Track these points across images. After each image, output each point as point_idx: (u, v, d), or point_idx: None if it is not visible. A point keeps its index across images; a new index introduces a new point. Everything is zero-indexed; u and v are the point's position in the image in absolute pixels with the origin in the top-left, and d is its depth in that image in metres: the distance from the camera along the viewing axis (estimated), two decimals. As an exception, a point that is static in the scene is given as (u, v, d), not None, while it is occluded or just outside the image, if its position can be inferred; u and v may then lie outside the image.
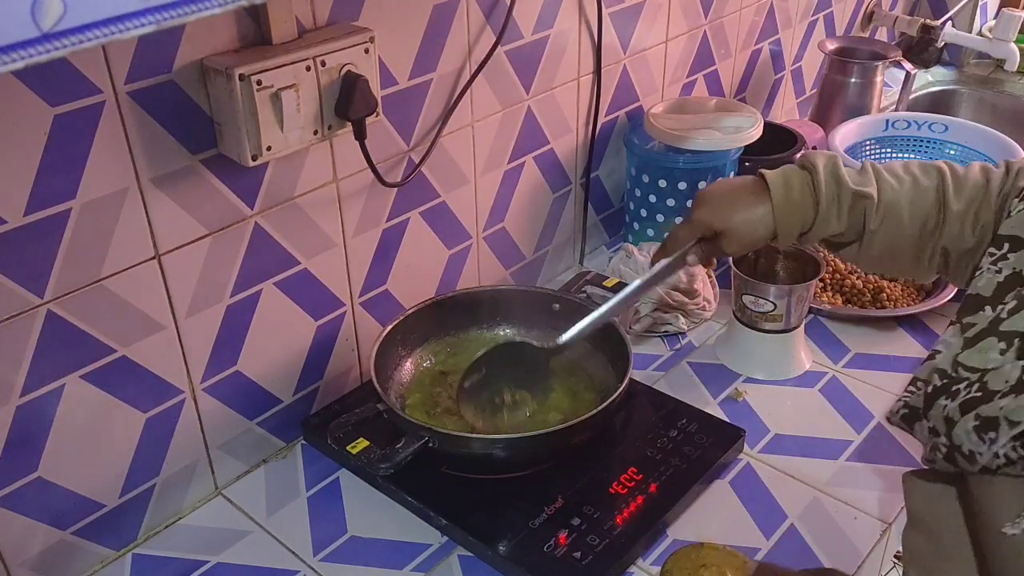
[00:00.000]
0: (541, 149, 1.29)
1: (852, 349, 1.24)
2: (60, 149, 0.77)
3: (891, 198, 0.83)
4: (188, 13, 0.40)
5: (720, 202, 0.89)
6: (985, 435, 0.60)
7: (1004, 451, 0.59)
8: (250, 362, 1.00)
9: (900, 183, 0.84)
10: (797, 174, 0.87)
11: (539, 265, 1.39)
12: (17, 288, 0.78)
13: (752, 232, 0.88)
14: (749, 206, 0.87)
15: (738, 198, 0.88)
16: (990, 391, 0.61)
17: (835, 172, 0.86)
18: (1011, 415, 0.58)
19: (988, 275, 0.70)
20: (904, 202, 0.83)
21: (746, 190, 0.89)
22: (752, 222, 0.87)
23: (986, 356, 0.64)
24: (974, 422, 0.61)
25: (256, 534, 0.98)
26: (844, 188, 0.84)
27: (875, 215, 0.84)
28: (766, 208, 0.86)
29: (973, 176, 0.82)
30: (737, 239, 0.88)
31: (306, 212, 0.99)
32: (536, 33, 1.19)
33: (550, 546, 0.90)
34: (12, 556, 0.86)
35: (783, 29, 1.75)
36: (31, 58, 0.35)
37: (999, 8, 2.12)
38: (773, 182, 0.87)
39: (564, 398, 1.06)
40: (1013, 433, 0.58)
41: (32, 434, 0.84)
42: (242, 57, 0.84)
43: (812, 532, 0.95)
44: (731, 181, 0.92)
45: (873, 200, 0.83)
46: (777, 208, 0.86)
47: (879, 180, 0.85)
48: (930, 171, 0.84)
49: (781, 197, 0.86)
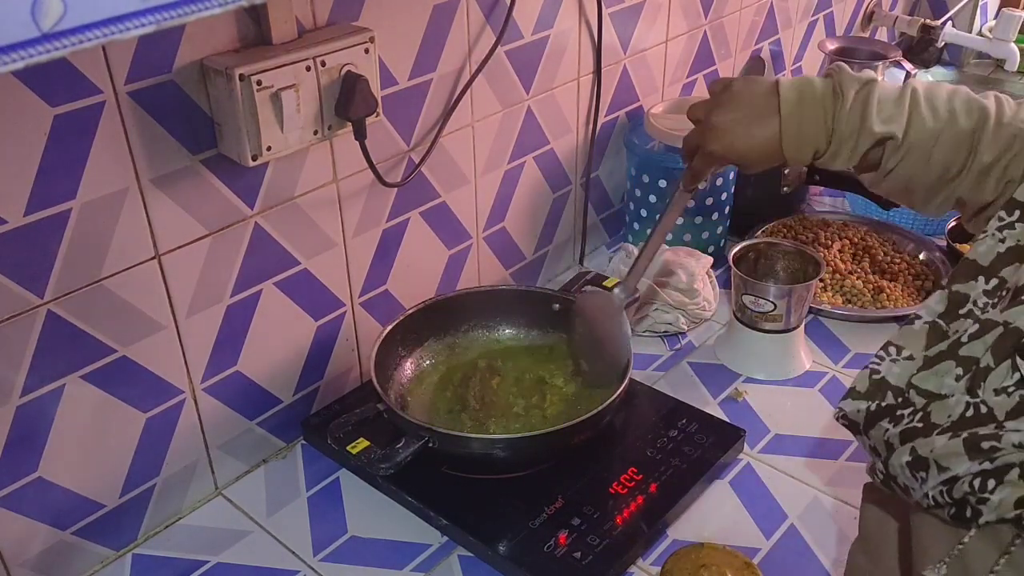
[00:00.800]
0: (541, 149, 1.29)
1: (852, 349, 1.24)
2: (60, 149, 0.77)
3: (918, 137, 0.76)
4: (188, 13, 0.40)
5: (731, 131, 0.82)
6: (917, 474, 0.58)
7: (933, 493, 0.57)
8: (250, 362, 1.00)
9: (935, 119, 0.76)
10: (816, 95, 0.79)
11: (539, 265, 1.39)
12: (17, 288, 0.78)
13: (763, 159, 0.82)
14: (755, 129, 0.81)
15: (746, 121, 0.81)
16: (931, 424, 0.59)
17: (864, 105, 0.77)
18: (941, 460, 0.56)
19: (990, 241, 0.64)
20: (930, 143, 0.76)
21: (757, 111, 0.81)
22: (761, 148, 0.81)
23: (942, 380, 0.61)
24: (907, 457, 0.59)
25: (256, 534, 0.98)
26: (866, 127, 0.77)
27: (895, 154, 0.77)
28: (772, 129, 0.80)
29: (1018, 121, 0.74)
30: (749, 165, 0.84)
31: (306, 212, 1.00)
32: (536, 33, 1.19)
33: (550, 546, 0.90)
34: (12, 556, 0.86)
35: (783, 29, 1.75)
36: (31, 58, 0.35)
37: (999, 8, 2.11)
38: (785, 103, 0.79)
39: (564, 398, 1.06)
40: (942, 478, 0.56)
41: (32, 434, 0.84)
42: (242, 57, 0.84)
43: (812, 532, 0.95)
44: (744, 100, 0.83)
45: (897, 139, 0.76)
46: (785, 134, 0.79)
47: (912, 113, 0.76)
48: (973, 110, 0.76)
49: (791, 121, 0.79)
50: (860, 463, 1.04)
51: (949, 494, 0.56)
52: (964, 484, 0.55)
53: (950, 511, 0.56)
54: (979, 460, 0.54)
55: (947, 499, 0.56)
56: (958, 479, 0.55)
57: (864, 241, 1.41)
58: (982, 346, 0.60)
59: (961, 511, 0.56)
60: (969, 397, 0.58)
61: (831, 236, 1.42)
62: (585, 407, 0.98)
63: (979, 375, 0.59)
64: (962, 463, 0.55)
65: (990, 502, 0.54)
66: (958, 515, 0.56)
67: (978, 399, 0.58)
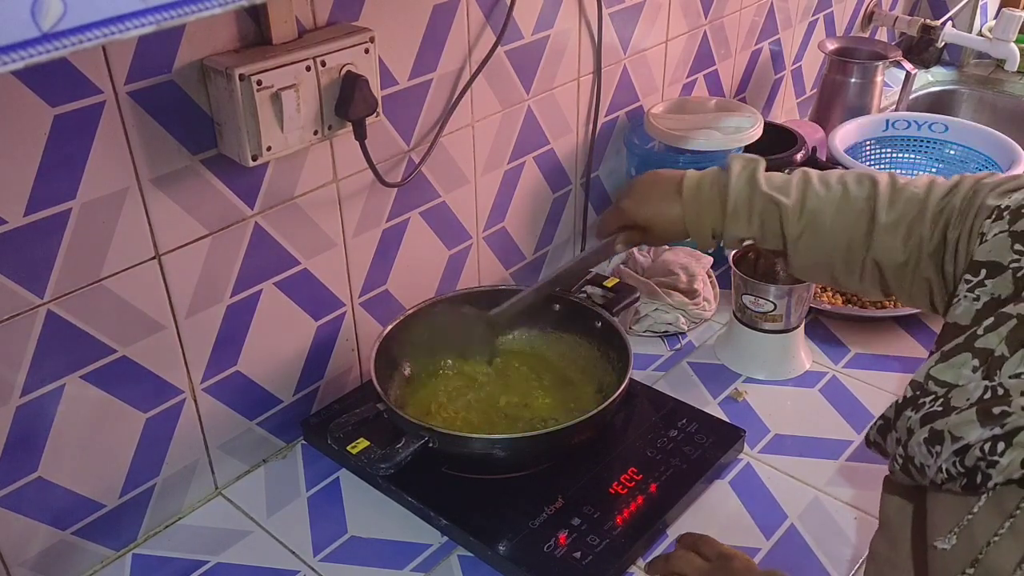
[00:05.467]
0: (541, 149, 1.29)
1: (852, 349, 1.24)
2: (60, 149, 0.77)
3: (815, 205, 0.83)
4: (188, 13, 0.40)
5: (642, 195, 0.91)
6: (932, 448, 0.60)
7: (946, 466, 0.58)
8: (250, 362, 1.00)
9: (828, 191, 0.84)
10: (712, 174, 0.88)
11: (539, 265, 1.39)
12: (17, 288, 0.78)
13: (669, 228, 0.90)
14: (665, 202, 0.89)
15: (658, 193, 0.90)
16: (950, 407, 0.61)
17: (752, 175, 0.86)
18: (954, 429, 0.58)
19: (965, 303, 0.68)
20: (828, 210, 0.83)
21: (667, 185, 0.90)
22: (668, 218, 0.89)
23: (958, 372, 0.63)
24: (925, 435, 0.61)
25: (256, 534, 0.98)
26: (757, 191, 0.85)
27: (796, 222, 0.84)
28: (679, 206, 0.88)
29: (913, 188, 0.81)
30: (656, 233, 0.91)
31: (306, 212, 0.99)
32: (536, 33, 1.19)
33: (550, 546, 0.90)
34: (12, 556, 0.86)
35: (783, 29, 1.75)
36: (31, 58, 0.35)
37: (999, 8, 2.11)
38: (687, 182, 0.88)
39: (563, 398, 1.06)
40: (954, 448, 0.58)
41: (32, 434, 0.84)
42: (242, 57, 0.84)
43: (812, 532, 0.95)
44: (660, 174, 0.93)
45: (787, 206, 0.83)
46: (686, 206, 0.87)
47: (805, 188, 0.84)
48: (864, 181, 0.83)
49: (691, 196, 0.87)
50: (860, 463, 1.04)
51: (962, 463, 0.58)
52: (975, 451, 0.57)
53: (961, 482, 0.58)
54: (990, 426, 0.56)
55: (959, 469, 0.58)
56: (970, 447, 0.57)
57: (864, 241, 1.41)
58: (997, 338, 0.62)
59: (972, 480, 0.57)
60: (987, 382, 0.60)
61: (831, 236, 1.42)
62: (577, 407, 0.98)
63: (995, 363, 0.61)
64: (974, 430, 0.57)
65: (999, 465, 0.55)
66: (969, 485, 0.58)
67: (995, 382, 0.60)
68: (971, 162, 1.57)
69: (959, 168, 1.58)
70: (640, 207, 0.91)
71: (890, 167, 1.64)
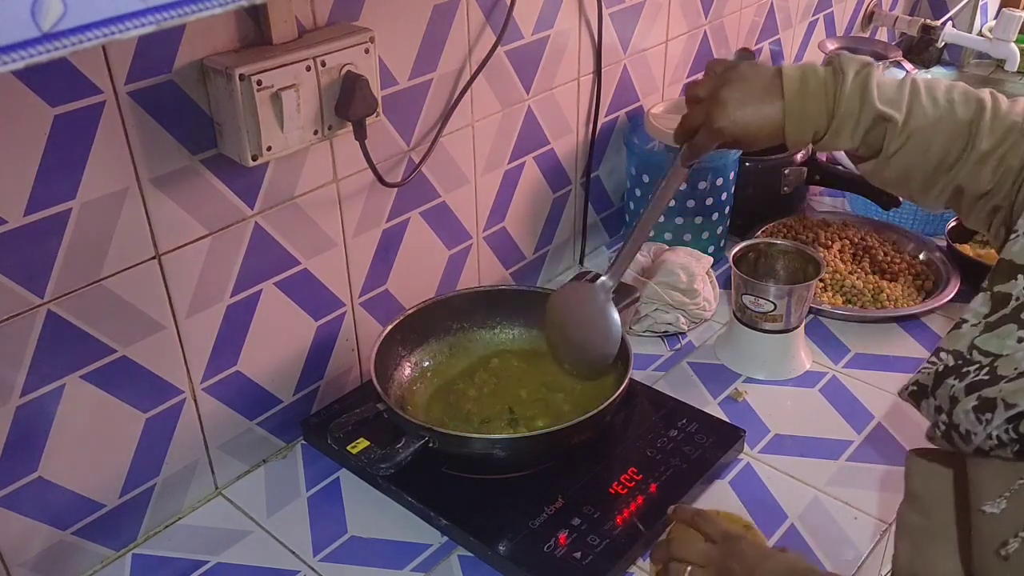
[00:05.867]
0: (541, 149, 1.29)
1: (852, 349, 1.24)
2: (60, 149, 0.77)
3: (919, 124, 0.79)
4: (188, 13, 0.40)
5: (738, 101, 0.84)
6: (982, 416, 0.60)
7: (997, 432, 0.59)
8: (250, 362, 1.00)
9: (935, 107, 0.79)
10: (819, 77, 0.82)
11: (539, 265, 1.39)
12: (17, 288, 0.78)
13: (763, 132, 0.84)
14: (765, 103, 0.83)
15: (755, 94, 0.83)
16: (997, 376, 0.61)
17: (864, 84, 0.80)
18: (1009, 397, 0.59)
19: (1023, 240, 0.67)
20: (931, 130, 0.79)
21: (764, 84, 0.83)
22: (767, 121, 0.83)
23: (1003, 342, 0.64)
24: (974, 402, 0.61)
25: (256, 534, 0.98)
26: (868, 105, 0.80)
27: (897, 138, 0.80)
28: (777, 109, 0.82)
29: (1012, 116, 0.78)
30: (747, 142, 0.86)
31: (306, 212, 1.00)
32: (536, 33, 1.19)
33: (550, 546, 0.90)
34: (12, 556, 0.86)
35: (783, 29, 1.75)
36: (31, 58, 0.35)
37: (999, 8, 2.11)
38: (788, 81, 0.82)
39: (563, 398, 1.06)
40: (1008, 415, 0.58)
41: (32, 434, 0.84)
42: (242, 57, 0.84)
43: (812, 532, 0.95)
44: (747, 70, 0.85)
45: (897, 123, 0.79)
46: (789, 107, 0.82)
47: (913, 101, 0.80)
48: (971, 101, 0.79)
49: (794, 97, 0.81)
50: (860, 463, 1.04)
51: (1015, 430, 0.58)
52: None
53: (1014, 448, 0.58)
54: None
55: (1012, 435, 0.58)
56: None
57: (864, 241, 1.41)
58: None
59: None
60: None
61: (831, 236, 1.42)
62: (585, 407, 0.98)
63: None
64: None
65: None
66: (1022, 451, 0.58)
67: None
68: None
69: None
70: (737, 117, 0.83)
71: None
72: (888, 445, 1.07)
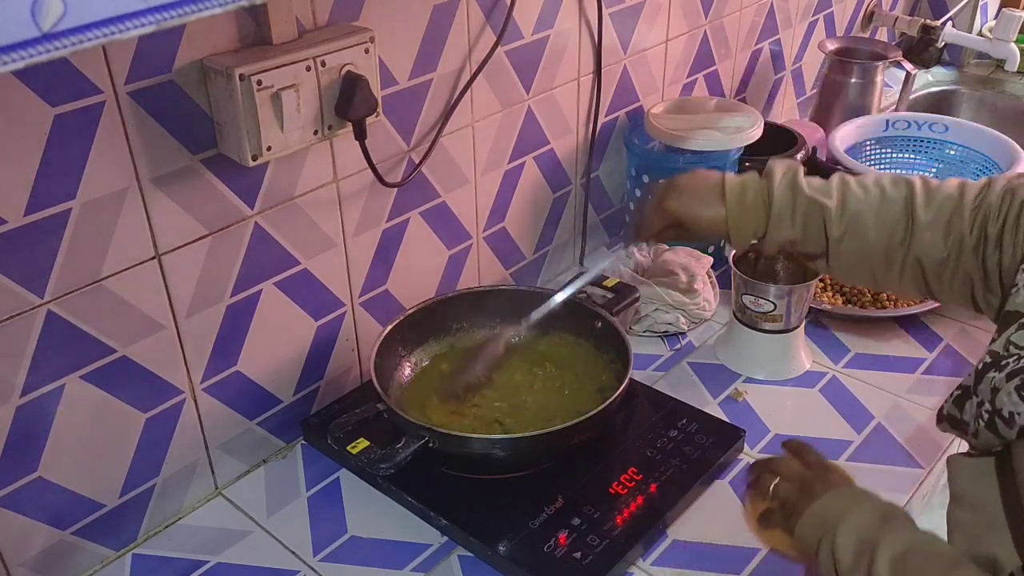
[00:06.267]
0: (541, 149, 1.29)
1: (852, 349, 1.24)
2: (60, 149, 0.77)
3: (855, 207, 0.85)
4: (188, 13, 0.40)
5: (687, 195, 0.91)
6: None
7: None
8: (250, 362, 1.00)
9: (866, 193, 0.85)
10: (754, 180, 0.89)
11: (539, 265, 1.39)
12: (17, 288, 0.78)
13: (710, 228, 0.91)
14: (709, 204, 0.90)
15: (701, 194, 0.91)
16: None
17: (792, 180, 0.87)
18: None
19: None
20: (869, 211, 0.84)
21: (709, 187, 0.91)
22: (711, 219, 0.90)
23: None
24: (1016, 382, 0.63)
25: (256, 534, 0.98)
26: (799, 195, 0.86)
27: (838, 223, 0.85)
28: (723, 209, 0.89)
29: (947, 189, 0.83)
30: (695, 233, 0.92)
31: (306, 212, 1.00)
32: (536, 33, 1.19)
33: (550, 546, 0.90)
34: (12, 556, 0.86)
35: (783, 29, 1.75)
36: (31, 58, 0.35)
37: (999, 8, 2.11)
38: (730, 186, 0.89)
39: (564, 397, 1.06)
40: None
41: (32, 434, 0.84)
42: (242, 57, 0.84)
43: (812, 532, 0.95)
44: (703, 175, 0.93)
45: (830, 208, 0.85)
46: (730, 210, 0.88)
47: (844, 191, 0.86)
48: (900, 184, 0.85)
49: (735, 200, 0.88)
50: (860, 463, 1.04)
51: None
52: None
53: None
54: None
55: None
56: None
57: (864, 241, 1.41)
58: None
59: None
60: None
61: (831, 236, 1.42)
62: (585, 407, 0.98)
63: None
64: None
65: None
66: None
67: None
68: (971, 162, 1.57)
69: (959, 168, 1.58)
70: (685, 207, 0.91)
71: (890, 167, 1.64)
72: (888, 445, 1.07)
